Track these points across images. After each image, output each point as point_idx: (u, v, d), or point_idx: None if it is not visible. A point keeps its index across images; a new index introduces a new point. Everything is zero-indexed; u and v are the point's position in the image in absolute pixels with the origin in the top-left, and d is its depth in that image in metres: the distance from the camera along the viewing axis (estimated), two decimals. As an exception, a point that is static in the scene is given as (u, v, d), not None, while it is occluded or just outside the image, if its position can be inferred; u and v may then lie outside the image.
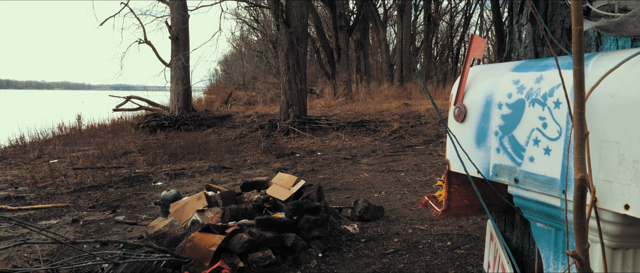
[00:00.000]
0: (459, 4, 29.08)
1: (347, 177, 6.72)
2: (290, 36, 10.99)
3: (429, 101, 15.65)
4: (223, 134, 12.07)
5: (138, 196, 5.88)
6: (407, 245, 3.89)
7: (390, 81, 22.69)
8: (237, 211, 3.77)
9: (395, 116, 11.99)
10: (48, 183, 6.71)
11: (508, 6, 1.43)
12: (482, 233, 4.16)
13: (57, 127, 13.90)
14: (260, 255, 3.28)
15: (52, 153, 9.82)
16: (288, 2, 11.08)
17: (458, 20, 29.69)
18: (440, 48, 29.69)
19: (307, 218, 3.69)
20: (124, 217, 4.88)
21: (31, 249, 3.85)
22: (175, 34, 14.55)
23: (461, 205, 1.28)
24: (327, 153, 8.83)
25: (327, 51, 19.04)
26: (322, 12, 23.83)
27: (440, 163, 7.41)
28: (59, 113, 17.99)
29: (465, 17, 27.99)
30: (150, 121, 13.60)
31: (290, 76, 11.24)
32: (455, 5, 28.96)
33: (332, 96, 17.27)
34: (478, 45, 1.22)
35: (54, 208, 5.36)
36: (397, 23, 23.48)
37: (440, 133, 10.14)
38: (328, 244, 3.79)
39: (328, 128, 11.01)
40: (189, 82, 15.12)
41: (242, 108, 16.95)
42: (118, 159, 8.68)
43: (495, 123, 1.11)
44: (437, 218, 4.63)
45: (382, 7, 28.36)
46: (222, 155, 8.88)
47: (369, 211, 4.59)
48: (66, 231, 4.48)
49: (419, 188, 5.88)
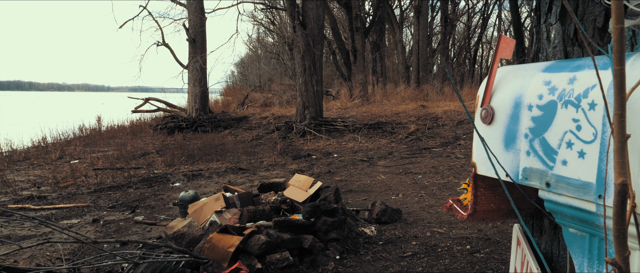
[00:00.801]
0: (476, 5, 28.78)
1: (363, 179, 6.68)
2: (306, 38, 11.00)
3: (446, 102, 15.50)
4: (240, 136, 12.14)
5: (156, 196, 5.94)
6: (426, 249, 3.85)
7: (406, 82, 22.55)
8: (255, 212, 3.78)
9: (412, 118, 11.91)
10: (69, 183, 6.83)
11: (535, 6, 1.40)
12: (502, 237, 4.09)
13: (78, 128, 14.17)
14: (277, 256, 3.27)
15: (73, 153, 10.00)
16: (304, 4, 11.11)
17: (475, 21, 29.41)
18: (457, 49, 29.43)
19: (324, 220, 3.68)
20: (143, 217, 4.93)
21: (53, 248, 3.92)
22: (192, 37, 14.70)
23: (488, 209, 1.25)
24: (343, 155, 8.81)
25: (343, 52, 19.02)
26: (338, 13, 23.83)
27: (458, 165, 7.32)
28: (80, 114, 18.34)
29: (482, 18, 27.69)
30: (168, 123, 13.75)
31: (306, 77, 11.25)
32: (473, 6, 28.67)
33: (348, 98, 17.24)
34: (506, 45, 1.19)
35: (75, 207, 5.45)
36: (413, 24, 23.34)
37: (457, 135, 10.04)
38: (345, 246, 3.77)
39: (344, 130, 10.99)
40: (206, 84, 15.26)
41: (259, 110, 17.03)
42: (137, 160, 8.79)
43: (525, 125, 1.08)
44: (455, 221, 4.57)
45: (398, 9, 28.26)
46: (238, 156, 8.93)
47: (387, 214, 4.55)
48: (87, 230, 4.55)
49: (437, 190, 5.82)
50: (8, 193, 6.25)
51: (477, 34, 28.94)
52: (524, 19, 27.01)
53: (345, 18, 20.20)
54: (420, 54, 21.39)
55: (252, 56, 41.51)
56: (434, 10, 27.41)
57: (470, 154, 8.20)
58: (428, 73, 22.43)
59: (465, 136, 9.77)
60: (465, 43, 28.23)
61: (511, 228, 4.26)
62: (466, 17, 28.48)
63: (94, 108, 26.72)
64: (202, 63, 14.70)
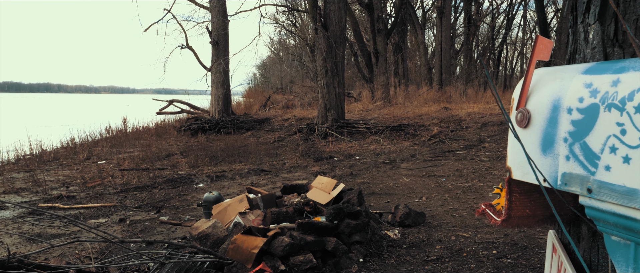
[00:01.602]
0: (500, 5, 28.31)
1: (386, 182, 6.64)
2: (328, 40, 11.01)
3: (469, 104, 15.28)
4: (262, 138, 12.22)
5: (181, 197, 6.02)
6: (451, 253, 3.79)
7: (429, 84, 22.34)
8: (278, 214, 3.79)
9: (435, 120, 11.78)
10: (96, 183, 6.98)
11: (571, 6, 1.36)
12: (529, 242, 4.00)
13: (105, 129, 14.51)
14: (301, 258, 3.27)
15: (100, 154, 10.23)
16: (326, 6, 11.11)
17: (500, 21, 28.94)
18: (480, 50, 28.99)
19: (347, 223, 3.66)
20: (168, 218, 5.00)
21: (82, 246, 4.00)
22: (215, 39, 14.88)
23: (522, 215, 1.22)
24: (365, 157, 8.77)
25: (364, 54, 18.96)
26: (359, 15, 23.78)
27: (482, 168, 7.20)
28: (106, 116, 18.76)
29: (507, 19, 27.22)
30: (192, 124, 13.94)
31: (328, 79, 11.25)
32: (497, 6, 28.21)
33: (369, 100, 17.17)
34: (544, 46, 1.16)
35: (102, 207, 5.57)
36: (436, 25, 23.11)
37: (482, 137, 9.88)
38: (369, 249, 3.75)
39: (366, 132, 10.94)
40: (228, 86, 15.42)
41: (280, 112, 17.12)
42: (161, 161, 8.93)
43: (564, 129, 1.05)
44: (481, 226, 4.49)
45: (420, 10, 28.02)
46: (261, 158, 8.98)
47: (410, 217, 4.51)
48: (114, 230, 4.64)
49: (461, 194, 5.73)
50: (39, 193, 6.43)
51: (502, 35, 28.46)
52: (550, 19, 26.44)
53: (367, 20, 20.14)
54: (443, 55, 21.15)
55: (274, 58, 41.80)
56: (456, 11, 27.09)
57: (494, 157, 8.05)
58: (451, 75, 22.16)
59: (490, 139, 9.61)
60: (489, 44, 27.79)
61: (538, 234, 4.17)
62: (490, 17, 28.05)
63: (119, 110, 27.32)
64: (224, 65, 14.86)
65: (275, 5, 21.18)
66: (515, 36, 32.86)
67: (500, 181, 6.32)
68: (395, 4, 22.87)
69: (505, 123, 10.63)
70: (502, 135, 9.80)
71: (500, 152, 8.43)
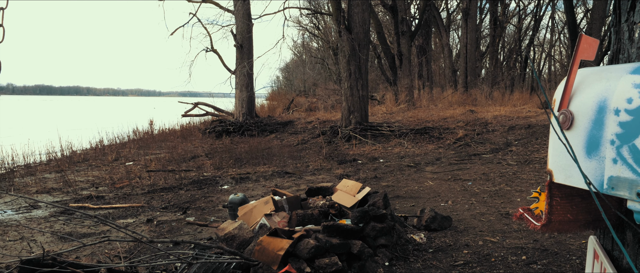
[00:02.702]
0: (527, 6, 27.76)
1: (411, 185, 6.57)
2: (352, 42, 10.99)
3: (495, 107, 15.01)
4: (285, 140, 12.27)
5: (206, 198, 6.09)
6: (478, 258, 3.71)
7: (453, 87, 22.05)
8: (304, 216, 3.79)
9: (460, 123, 11.60)
10: (124, 184, 7.13)
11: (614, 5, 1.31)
12: (560, 248, 3.89)
13: (132, 131, 14.82)
14: (326, 261, 3.26)
15: (127, 155, 10.45)
16: (350, 9, 11.10)
17: (527, 22, 28.36)
18: (507, 52, 28.46)
19: (373, 226, 3.63)
20: (194, 218, 5.06)
21: (111, 246, 4.09)
22: (240, 43, 15.04)
23: (563, 220, 1.18)
24: (389, 160, 8.70)
25: (388, 56, 18.85)
26: (383, 17, 23.67)
27: (510, 172, 7.06)
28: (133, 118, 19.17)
29: (534, 20, 26.66)
30: (216, 127, 14.11)
31: (351, 82, 11.22)
32: (524, 7, 27.67)
33: (393, 103, 17.05)
34: (588, 45, 1.12)
35: (130, 207, 5.68)
36: (461, 27, 22.81)
37: (509, 141, 9.68)
38: (394, 253, 3.71)
39: (390, 135, 10.86)
40: (252, 89, 15.55)
41: (304, 114, 17.16)
42: (187, 163, 9.06)
43: (610, 131, 1.01)
44: (509, 230, 4.39)
45: (445, 11, 27.72)
46: (284, 160, 9.02)
47: (436, 221, 4.44)
48: (141, 230, 4.72)
49: (488, 198, 5.63)
50: (69, 193, 6.60)
51: (529, 36, 27.88)
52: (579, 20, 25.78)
53: (391, 22, 20.03)
54: (468, 57, 20.86)
55: (297, 61, 41.98)
56: (482, 13, 26.68)
57: (522, 161, 7.88)
58: (476, 77, 21.82)
59: (517, 143, 9.41)
60: (515, 46, 27.26)
61: (569, 240, 4.04)
62: (517, 18, 27.52)
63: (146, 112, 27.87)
64: (249, 68, 15.00)
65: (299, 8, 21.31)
66: (542, 37, 32.15)
67: (530, 185, 6.16)
68: (419, 6, 22.69)
69: (534, 126, 10.39)
70: (529, 139, 9.59)
71: (528, 156, 8.25)
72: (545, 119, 11.38)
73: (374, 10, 19.33)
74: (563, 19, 27.21)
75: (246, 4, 14.95)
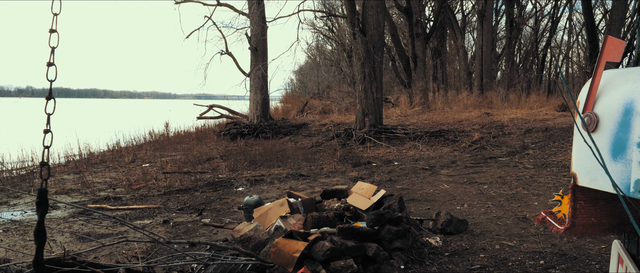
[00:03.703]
0: (544, 8, 27.40)
1: (426, 188, 6.52)
2: (366, 45, 10.97)
3: (512, 110, 14.83)
4: (299, 143, 12.29)
5: (221, 200, 6.13)
6: (495, 262, 3.67)
7: (469, 89, 21.86)
8: (319, 218, 3.79)
9: (476, 126, 11.49)
10: (141, 185, 7.21)
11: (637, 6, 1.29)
12: (579, 252, 3.82)
13: (148, 133, 15.00)
14: (342, 263, 3.25)
15: (144, 157, 10.58)
16: (364, 11, 11.09)
17: (544, 24, 27.99)
18: (523, 54, 28.11)
19: (388, 229, 3.61)
20: (210, 220, 5.10)
21: (128, 246, 4.14)
22: (254, 45, 15.12)
23: (587, 223, 1.16)
24: (404, 163, 8.66)
25: (402, 59, 18.77)
26: (397, 20, 23.60)
27: (527, 176, 6.96)
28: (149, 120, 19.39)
29: (552, 21, 26.30)
30: (231, 129, 14.20)
31: (366, 84, 11.20)
32: (541, 8, 27.31)
33: (408, 105, 16.97)
34: (614, 47, 1.10)
35: (146, 209, 5.74)
36: (477, 29, 22.62)
37: (525, 144, 9.56)
38: (410, 256, 3.68)
39: (405, 138, 10.80)
40: (267, 92, 15.62)
41: (318, 117, 17.18)
42: (202, 165, 9.13)
43: (637, 134, 0.99)
44: (526, 235, 4.33)
45: (460, 13, 27.52)
46: (299, 163, 9.03)
47: (452, 224, 4.40)
48: (158, 231, 4.77)
49: (505, 202, 5.56)
50: (87, 194, 6.70)
51: (545, 38, 27.51)
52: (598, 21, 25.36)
53: (405, 24, 19.96)
54: (484, 59, 20.66)
55: (311, 64, 42.05)
56: (498, 14, 26.41)
57: (539, 164, 7.77)
58: (492, 79, 21.60)
59: (534, 146, 9.28)
60: (532, 48, 26.91)
61: (588, 244, 3.97)
62: (533, 20, 27.18)
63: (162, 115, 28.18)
64: (263, 71, 15.07)
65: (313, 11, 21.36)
66: (560, 39, 31.68)
67: (548, 189, 6.06)
68: (434, 8, 22.57)
69: (551, 129, 10.24)
70: (546, 142, 9.45)
71: (545, 159, 8.13)
72: (562, 122, 11.22)
73: (389, 12, 19.28)
74: (581, 21, 26.80)
75: (261, 6, 15.04)
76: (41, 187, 1.26)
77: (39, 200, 1.26)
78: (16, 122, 27.74)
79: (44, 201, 1.25)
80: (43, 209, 1.26)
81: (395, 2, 17.61)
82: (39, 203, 1.26)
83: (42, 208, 1.26)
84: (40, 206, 1.26)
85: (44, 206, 1.26)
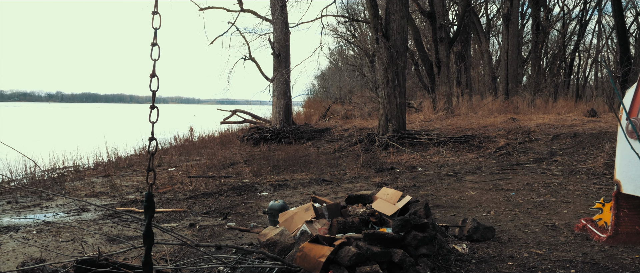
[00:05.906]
0: (572, 11, 26.80)
1: (451, 194, 6.44)
2: (389, 50, 10.93)
3: (538, 115, 14.52)
4: (322, 148, 12.30)
5: (246, 204, 6.18)
6: (523, 270, 3.59)
7: (493, 94, 21.51)
8: (344, 224, 3.78)
9: (502, 132, 11.30)
10: (167, 189, 7.34)
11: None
12: (612, 262, 3.70)
13: (173, 138, 15.25)
14: (367, 269, 3.24)
15: (170, 161, 10.76)
16: (387, 16, 11.06)
17: (572, 27, 27.36)
18: (550, 59, 27.52)
19: (414, 235, 3.58)
20: (235, 224, 5.15)
21: (155, 249, 4.21)
22: (277, 51, 15.25)
23: (632, 232, 1.13)
24: (428, 169, 8.57)
25: (426, 63, 18.63)
26: (420, 24, 23.44)
27: (555, 183, 6.80)
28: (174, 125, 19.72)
29: (580, 25, 25.69)
30: (254, 134, 14.32)
31: (389, 89, 11.15)
32: (569, 11, 26.73)
33: (431, 110, 16.81)
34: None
35: (173, 212, 5.84)
36: (502, 33, 22.28)
37: (553, 150, 9.34)
38: (436, 263, 3.64)
39: (428, 143, 10.70)
40: (289, 97, 15.71)
41: (340, 122, 17.17)
42: (226, 169, 9.23)
43: (685, 140, 0.97)
44: (556, 243, 4.23)
45: (484, 17, 27.17)
46: (322, 168, 9.04)
47: (479, 231, 4.33)
48: (185, 234, 4.84)
49: (533, 209, 5.44)
50: (116, 196, 6.86)
51: (573, 41, 26.89)
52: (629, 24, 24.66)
53: (429, 28, 19.81)
54: (509, 64, 20.32)
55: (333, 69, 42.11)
56: (523, 18, 25.96)
57: (568, 171, 7.58)
58: (517, 84, 21.21)
59: (562, 152, 9.06)
60: (559, 52, 26.32)
61: (621, 254, 3.85)
62: (561, 23, 26.61)
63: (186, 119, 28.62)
64: (287, 77, 15.17)
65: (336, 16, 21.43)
66: (588, 42, 30.91)
67: (577, 196, 5.91)
68: (458, 13, 22.34)
69: (580, 135, 9.98)
70: (575, 148, 9.22)
71: (574, 166, 7.93)
72: (592, 128, 10.92)
73: (412, 17, 19.17)
74: (610, 23, 26.10)
75: (284, 12, 15.16)
76: (148, 191, 1.31)
77: (147, 204, 1.30)
78: (48, 126, 28.59)
79: (151, 205, 1.29)
80: (150, 212, 1.30)
81: (419, 6, 17.50)
82: (147, 206, 1.30)
83: (150, 211, 1.30)
84: (147, 209, 1.31)
85: (151, 209, 1.30)
